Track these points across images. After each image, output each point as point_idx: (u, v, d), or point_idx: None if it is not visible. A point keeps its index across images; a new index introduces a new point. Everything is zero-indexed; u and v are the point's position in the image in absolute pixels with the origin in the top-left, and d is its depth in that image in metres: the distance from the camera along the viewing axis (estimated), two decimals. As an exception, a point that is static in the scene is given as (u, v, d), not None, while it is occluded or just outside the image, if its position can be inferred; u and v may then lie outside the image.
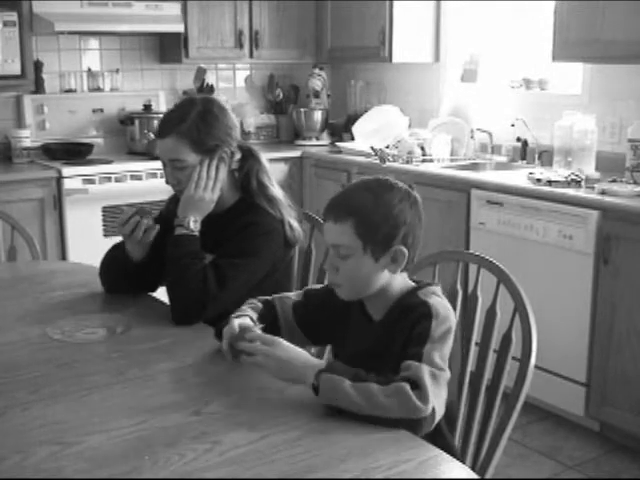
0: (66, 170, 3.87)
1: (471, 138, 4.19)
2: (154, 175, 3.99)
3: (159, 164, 2.17)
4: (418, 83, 4.65)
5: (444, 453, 1.33)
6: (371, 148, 4.11)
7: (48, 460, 1.29)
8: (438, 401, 1.40)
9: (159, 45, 4.62)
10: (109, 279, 2.18)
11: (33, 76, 4.05)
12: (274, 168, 2.27)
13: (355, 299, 1.62)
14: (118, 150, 4.46)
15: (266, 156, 2.25)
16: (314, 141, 4.85)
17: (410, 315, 1.52)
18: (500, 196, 3.37)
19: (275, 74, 5.01)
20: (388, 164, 3.95)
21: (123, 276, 2.12)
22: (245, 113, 4.77)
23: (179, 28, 4.32)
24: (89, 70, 4.44)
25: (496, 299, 1.82)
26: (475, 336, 1.85)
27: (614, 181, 3.22)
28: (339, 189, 1.69)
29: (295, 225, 2.11)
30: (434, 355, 1.44)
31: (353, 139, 4.54)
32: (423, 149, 4.07)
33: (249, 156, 2.14)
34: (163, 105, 4.56)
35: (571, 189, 3.19)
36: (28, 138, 4.14)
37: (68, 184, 3.85)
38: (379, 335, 1.58)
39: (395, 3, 4.31)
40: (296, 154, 4.54)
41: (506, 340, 1.77)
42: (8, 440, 1.35)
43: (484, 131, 4.14)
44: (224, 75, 4.91)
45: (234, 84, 4.97)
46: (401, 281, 1.61)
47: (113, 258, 2.16)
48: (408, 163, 3.96)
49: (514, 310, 1.76)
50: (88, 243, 3.85)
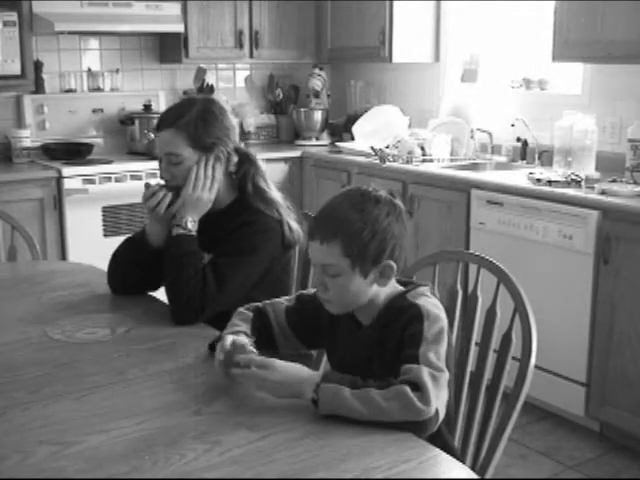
0: (66, 170, 3.87)
1: (471, 138, 4.19)
2: (154, 175, 3.98)
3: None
4: (418, 83, 4.65)
5: (444, 453, 1.33)
6: (371, 148, 4.11)
7: (48, 460, 1.29)
8: (440, 402, 1.40)
9: (159, 45, 4.62)
10: (122, 274, 2.14)
11: (33, 76, 4.05)
12: (274, 168, 2.27)
13: (344, 312, 1.61)
14: (118, 150, 4.46)
15: (266, 156, 2.25)
16: (314, 141, 4.85)
17: (401, 318, 1.52)
18: (500, 196, 3.37)
19: (275, 74, 5.01)
20: (388, 164, 3.95)
21: (141, 265, 2.08)
22: (245, 113, 4.77)
23: (179, 28, 4.32)
24: (89, 70, 4.44)
25: (496, 299, 1.82)
26: (475, 336, 1.85)
27: (614, 181, 3.22)
28: (339, 189, 1.68)
29: (294, 226, 2.11)
30: (430, 356, 1.44)
31: (353, 139, 4.54)
32: (423, 149, 4.07)
33: (246, 160, 2.14)
34: (163, 105, 4.56)
35: (571, 189, 3.19)
36: (28, 138, 4.15)
37: (68, 184, 3.85)
38: (369, 340, 1.58)
39: (395, 3, 4.31)
40: (296, 154, 4.54)
41: (506, 340, 1.77)
42: (8, 440, 1.36)
43: (484, 131, 4.14)
44: (224, 75, 4.91)
45: (234, 84, 4.97)
46: (389, 287, 1.60)
47: (127, 250, 2.14)
48: (408, 163, 3.96)
49: (514, 310, 1.76)
50: (88, 243, 3.86)
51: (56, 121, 4.31)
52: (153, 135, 4.24)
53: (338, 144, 4.54)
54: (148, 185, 2.09)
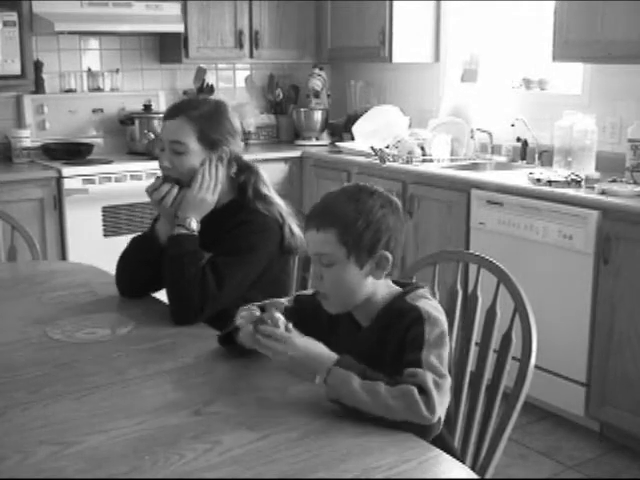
0: (66, 170, 3.87)
1: (471, 138, 4.19)
2: (154, 175, 3.96)
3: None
4: (418, 83, 4.65)
5: (444, 453, 1.33)
6: (371, 148, 4.11)
7: (48, 460, 1.29)
8: (442, 409, 1.40)
9: (159, 45, 4.62)
10: (130, 273, 2.13)
11: (33, 76, 4.05)
12: (274, 168, 2.27)
13: (343, 311, 1.60)
14: (118, 150, 4.46)
15: (266, 156, 2.25)
16: (314, 141, 4.85)
17: (401, 321, 1.52)
18: (500, 196, 3.37)
19: (275, 74, 5.01)
20: (388, 164, 3.95)
21: (150, 264, 2.07)
22: (245, 113, 4.77)
23: (179, 28, 4.32)
24: (89, 70, 4.44)
25: (496, 299, 1.83)
26: (475, 336, 1.85)
27: (614, 181, 3.22)
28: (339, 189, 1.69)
29: (296, 231, 2.10)
30: (433, 360, 1.44)
31: (353, 139, 4.54)
32: (423, 149, 4.07)
33: (246, 169, 2.14)
34: (163, 105, 4.56)
35: (571, 189, 3.19)
36: (28, 138, 4.14)
37: (68, 184, 3.85)
38: (369, 341, 1.58)
39: (395, 3, 4.31)
40: (296, 154, 4.53)
41: (506, 340, 1.77)
42: (8, 440, 1.36)
43: (484, 131, 4.14)
44: (224, 75, 4.91)
45: (234, 84, 4.97)
46: (385, 287, 1.60)
47: (135, 249, 2.14)
48: (408, 163, 3.96)
49: (514, 310, 1.76)
50: (88, 243, 3.86)
51: (56, 121, 4.31)
52: (153, 135, 4.25)
53: (338, 144, 4.54)
54: (158, 177, 2.10)
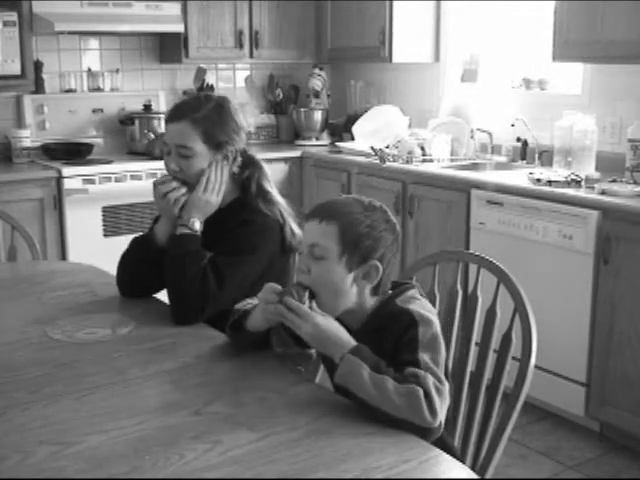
0: (66, 170, 3.87)
1: (471, 138, 4.19)
2: (154, 175, 3.98)
3: (159, 164, 2.17)
4: (418, 83, 4.65)
5: (444, 453, 1.33)
6: (371, 148, 4.11)
7: (48, 460, 1.29)
8: (443, 414, 1.41)
9: (159, 45, 4.62)
10: (130, 274, 2.13)
11: (33, 76, 4.05)
12: (274, 168, 2.28)
13: (332, 314, 1.57)
14: (118, 150, 4.46)
15: (266, 156, 2.25)
16: (314, 141, 4.85)
17: (394, 325, 1.53)
18: (500, 196, 3.37)
19: (275, 74, 5.01)
20: (388, 164, 3.95)
21: (149, 265, 2.07)
22: (245, 113, 4.76)
23: (179, 28, 4.32)
24: (89, 70, 4.44)
25: (496, 299, 1.83)
26: (475, 336, 1.86)
27: (614, 181, 3.22)
28: (339, 189, 1.70)
29: (297, 231, 2.10)
30: (430, 363, 1.45)
31: (353, 139, 4.54)
32: (423, 149, 4.07)
33: (250, 163, 2.15)
34: (163, 105, 4.56)
35: (571, 189, 3.19)
36: (28, 138, 4.14)
37: (68, 184, 3.85)
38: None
39: (395, 3, 4.31)
40: (296, 154, 4.54)
41: (506, 340, 1.77)
42: (8, 440, 1.36)
43: (484, 131, 4.14)
44: (224, 75, 4.91)
45: (234, 84, 4.97)
46: (372, 294, 1.60)
47: (135, 249, 2.14)
48: (408, 163, 3.96)
49: (514, 310, 1.76)
50: (88, 243, 3.86)
51: (56, 121, 4.31)
52: (153, 135, 4.25)
53: (338, 144, 4.54)
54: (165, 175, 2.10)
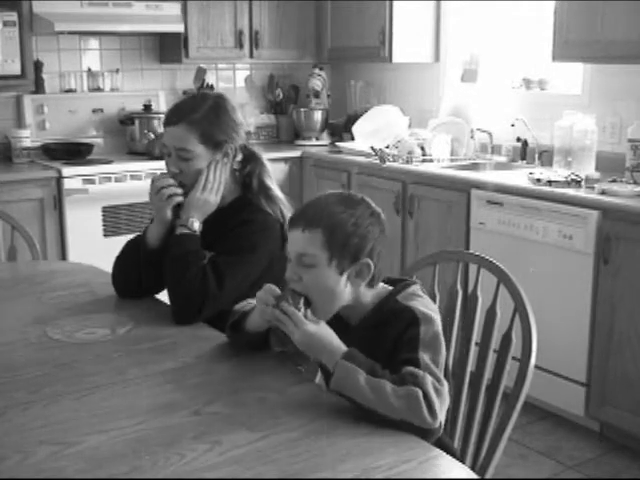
0: (66, 170, 3.87)
1: (471, 138, 4.19)
2: (154, 175, 3.98)
3: (159, 164, 2.17)
4: (418, 83, 4.65)
5: (444, 453, 1.33)
6: (371, 148, 4.11)
7: (48, 460, 1.29)
8: (442, 414, 1.41)
9: (159, 45, 4.62)
10: (121, 276, 2.14)
11: (33, 76, 4.05)
12: (274, 168, 2.27)
13: (326, 318, 1.57)
14: (118, 150, 4.46)
15: (266, 156, 2.25)
16: (314, 141, 4.85)
17: (395, 322, 1.52)
18: (500, 196, 3.37)
19: (275, 74, 5.01)
20: (388, 164, 3.95)
21: (140, 267, 2.08)
22: (245, 113, 4.77)
23: (179, 28, 4.32)
24: (89, 70, 4.44)
25: (496, 299, 1.83)
26: (475, 336, 1.86)
27: (614, 181, 3.22)
28: (339, 189, 1.69)
29: None
30: (430, 363, 1.44)
31: (353, 139, 4.54)
32: (423, 149, 4.07)
33: (251, 158, 2.15)
34: (163, 105, 4.56)
35: (571, 189, 3.19)
36: (28, 138, 4.14)
37: (68, 184, 3.85)
38: (359, 340, 1.56)
39: (395, 3, 4.31)
40: (296, 154, 4.54)
41: (506, 340, 1.77)
42: (8, 440, 1.36)
43: (484, 131, 4.14)
44: (224, 75, 4.91)
45: (234, 84, 4.97)
46: (371, 289, 1.59)
47: (128, 251, 2.14)
48: (408, 163, 3.96)
49: (514, 310, 1.76)
50: (88, 243, 3.86)
51: (56, 121, 4.30)
52: (153, 135, 4.25)
53: (338, 144, 4.54)
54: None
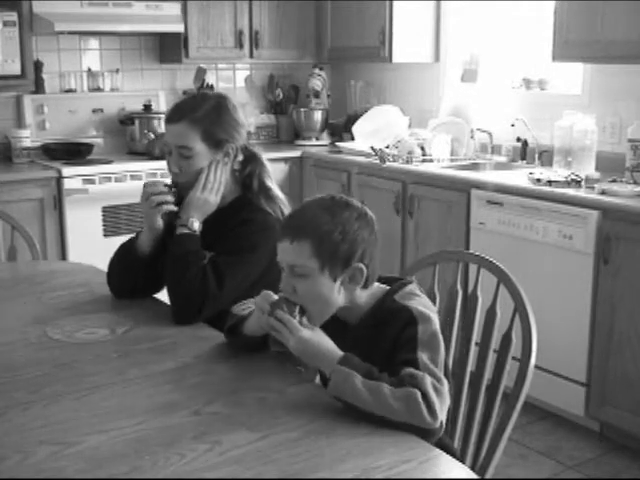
0: (66, 170, 3.87)
1: (471, 138, 4.19)
2: (154, 175, 3.98)
3: (159, 164, 2.18)
4: (418, 83, 4.65)
5: (444, 453, 1.33)
6: (371, 148, 4.11)
7: (48, 460, 1.29)
8: (443, 414, 1.40)
9: (159, 45, 4.62)
10: (115, 278, 2.15)
11: (33, 76, 4.05)
12: (274, 168, 2.28)
13: (321, 323, 1.57)
14: (118, 150, 4.46)
15: (266, 156, 2.25)
16: (314, 141, 4.85)
17: (393, 322, 1.52)
18: (500, 196, 3.37)
19: (275, 74, 5.01)
20: (388, 164, 3.95)
21: (128, 274, 2.10)
22: (245, 113, 4.77)
23: (179, 28, 4.32)
24: (89, 70, 4.44)
25: (496, 299, 1.83)
26: (475, 336, 1.86)
27: (614, 181, 3.22)
28: (339, 189, 1.69)
29: None
30: (429, 363, 1.44)
31: (353, 139, 4.54)
32: (423, 149, 4.07)
33: (252, 159, 2.15)
34: (163, 105, 4.56)
35: (571, 189, 3.19)
36: (28, 138, 4.14)
37: (68, 184, 3.85)
38: (357, 340, 1.57)
39: (395, 3, 4.31)
40: (296, 154, 4.54)
41: (506, 340, 1.77)
42: (8, 440, 1.36)
43: (484, 131, 4.14)
44: (224, 75, 4.91)
45: (234, 84, 4.97)
46: (370, 288, 1.59)
47: (121, 254, 2.15)
48: (408, 163, 3.96)
49: (514, 310, 1.76)
50: (88, 243, 3.86)
51: (56, 121, 4.30)
52: (153, 135, 4.25)
53: (338, 144, 4.54)
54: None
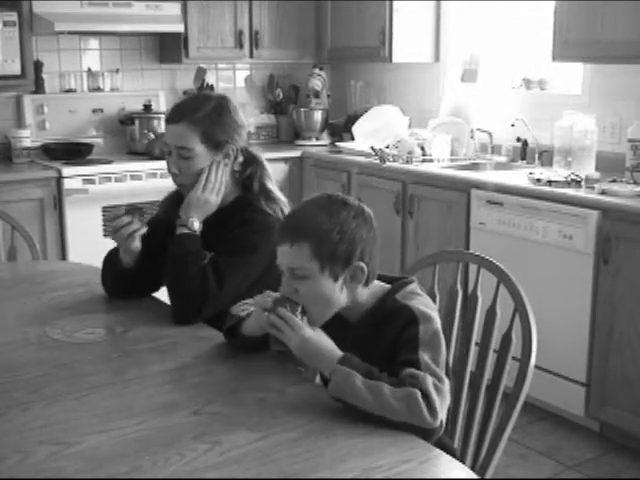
0: (66, 170, 3.87)
1: (471, 138, 4.19)
2: (154, 175, 3.98)
3: (159, 164, 2.17)
4: (418, 83, 4.65)
5: (444, 453, 1.33)
6: (371, 148, 4.11)
7: (48, 460, 1.29)
8: (443, 413, 1.40)
9: (159, 45, 4.62)
10: (107, 283, 2.16)
11: (33, 76, 4.04)
12: (274, 168, 2.27)
13: (322, 322, 1.57)
14: (118, 150, 4.45)
15: (266, 156, 2.25)
16: (314, 141, 4.85)
17: (394, 321, 1.52)
18: (500, 196, 3.37)
19: (275, 74, 5.01)
20: (388, 164, 3.95)
21: (118, 281, 2.11)
22: (245, 113, 4.76)
23: (179, 28, 4.32)
24: (89, 70, 4.44)
25: (496, 299, 1.83)
26: (475, 336, 1.86)
27: (614, 181, 3.22)
28: (339, 189, 1.69)
29: None
30: (430, 362, 1.44)
31: (353, 139, 4.54)
32: (423, 149, 4.07)
33: (252, 161, 2.15)
34: (163, 105, 4.56)
35: (571, 189, 3.19)
36: (28, 138, 4.14)
37: (68, 184, 3.85)
38: (357, 338, 1.57)
39: (395, 3, 4.30)
40: (296, 154, 4.54)
41: (506, 340, 1.77)
42: (8, 440, 1.36)
43: (484, 131, 4.14)
44: (224, 75, 4.91)
45: (234, 84, 4.96)
46: (371, 286, 1.59)
47: (109, 262, 2.15)
48: (408, 163, 3.96)
49: (514, 310, 1.76)
50: (88, 243, 3.85)
51: (56, 121, 4.30)
52: (153, 135, 4.25)
53: (338, 144, 4.54)
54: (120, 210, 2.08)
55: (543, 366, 3.13)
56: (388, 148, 4.18)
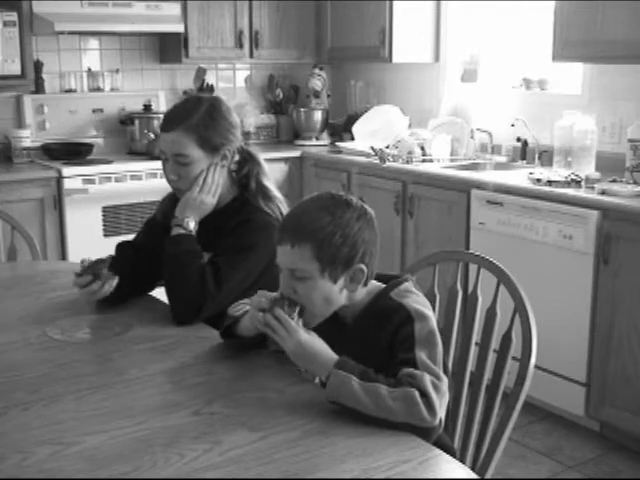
0: (66, 170, 3.87)
1: (471, 138, 4.19)
2: (154, 175, 3.99)
3: (159, 164, 2.17)
4: (418, 83, 4.65)
5: (444, 453, 1.33)
6: (371, 148, 4.11)
7: (48, 460, 1.29)
8: (442, 411, 1.40)
9: (159, 45, 4.62)
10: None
11: (33, 76, 4.05)
12: (274, 168, 2.28)
13: (320, 321, 1.57)
14: (118, 150, 4.46)
15: (266, 156, 2.25)
16: (314, 141, 4.85)
17: (389, 320, 1.52)
18: (500, 196, 3.37)
19: (275, 74, 5.01)
20: (388, 164, 3.95)
21: (115, 291, 2.06)
22: (245, 113, 4.77)
23: (179, 28, 4.32)
24: (89, 70, 4.44)
25: (496, 299, 1.82)
26: (475, 336, 1.86)
27: (614, 181, 3.22)
28: (339, 189, 1.68)
29: None
30: (427, 360, 1.44)
31: (353, 139, 4.54)
32: (423, 149, 4.07)
33: (249, 159, 2.15)
34: (163, 105, 4.56)
35: (571, 189, 3.19)
36: (28, 138, 4.14)
37: (68, 184, 3.85)
38: (353, 338, 1.57)
39: (395, 3, 4.31)
40: (296, 154, 4.54)
41: (506, 340, 1.77)
42: (8, 440, 1.36)
43: (484, 131, 4.14)
44: (224, 75, 4.91)
45: (234, 84, 4.97)
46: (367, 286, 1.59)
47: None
48: (408, 163, 3.96)
49: (514, 310, 1.76)
50: (88, 243, 3.86)
51: (56, 121, 4.30)
52: (153, 135, 4.25)
53: (338, 144, 4.54)
54: (82, 260, 2.03)
55: (543, 366, 3.13)
56: (388, 148, 4.18)
